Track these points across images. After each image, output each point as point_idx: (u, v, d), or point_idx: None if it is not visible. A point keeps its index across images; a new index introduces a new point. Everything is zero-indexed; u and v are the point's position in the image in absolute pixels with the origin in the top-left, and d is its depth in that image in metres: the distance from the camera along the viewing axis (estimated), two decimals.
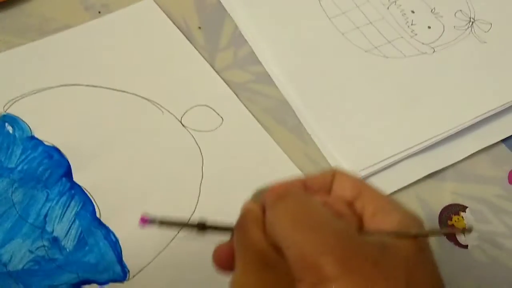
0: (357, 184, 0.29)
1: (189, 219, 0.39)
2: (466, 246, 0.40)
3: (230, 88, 0.46)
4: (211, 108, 0.45)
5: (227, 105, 0.45)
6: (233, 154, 0.43)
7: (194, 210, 0.40)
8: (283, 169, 0.43)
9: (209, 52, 0.49)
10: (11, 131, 0.42)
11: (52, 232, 0.39)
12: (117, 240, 0.38)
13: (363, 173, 0.42)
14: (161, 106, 0.45)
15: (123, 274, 0.37)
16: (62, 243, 0.38)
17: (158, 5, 0.51)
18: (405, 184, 0.42)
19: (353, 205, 0.29)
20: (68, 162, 0.41)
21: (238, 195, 0.40)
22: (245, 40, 0.50)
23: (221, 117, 0.45)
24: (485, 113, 0.45)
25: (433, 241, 0.40)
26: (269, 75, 0.48)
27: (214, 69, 0.47)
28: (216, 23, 0.51)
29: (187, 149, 0.43)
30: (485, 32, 0.51)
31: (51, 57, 0.47)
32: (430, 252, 0.27)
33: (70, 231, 0.39)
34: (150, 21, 0.50)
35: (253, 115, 0.45)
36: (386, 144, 0.43)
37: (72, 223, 0.39)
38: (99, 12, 0.50)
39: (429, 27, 0.51)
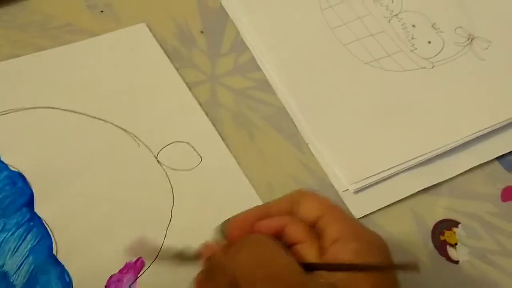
0: (322, 205, 0.31)
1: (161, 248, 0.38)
2: (457, 262, 0.41)
3: (231, 94, 0.47)
4: (190, 145, 0.43)
5: (208, 143, 0.43)
6: (207, 198, 0.41)
7: (158, 254, 0.37)
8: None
9: (210, 57, 0.49)
10: None
11: (3, 266, 0.36)
12: (70, 281, 0.36)
13: (358, 185, 0.42)
14: (138, 138, 0.43)
15: None
16: (11, 280, 0.36)
17: (159, 9, 0.51)
18: (400, 198, 0.43)
19: (317, 227, 0.30)
20: (32, 191, 0.39)
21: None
22: (247, 46, 0.50)
23: (200, 156, 0.42)
24: (481, 130, 0.46)
25: (424, 255, 0.41)
26: (269, 83, 0.48)
27: (214, 75, 0.48)
28: (218, 28, 0.51)
29: (158, 188, 0.41)
30: (484, 49, 0.51)
31: (30, 75, 0.45)
32: (387, 285, 0.28)
33: (22, 267, 0.36)
34: (140, 47, 0.48)
35: (253, 122, 0.45)
36: (383, 157, 0.44)
37: (25, 258, 0.36)
38: (102, 12, 0.50)
39: (429, 42, 0.51)
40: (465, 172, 0.45)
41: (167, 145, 0.43)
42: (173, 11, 0.51)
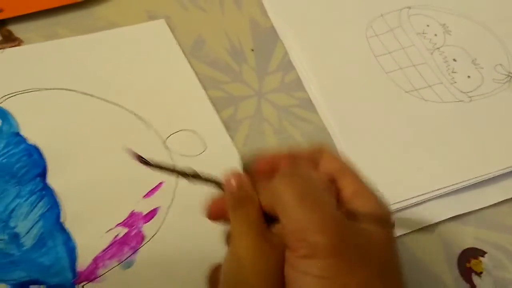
0: (342, 166, 0.33)
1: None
2: None
3: (275, 110, 0.49)
4: (197, 134, 0.46)
5: (213, 133, 0.46)
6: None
7: (157, 232, 0.41)
8: None
9: (259, 74, 0.52)
10: None
11: (14, 227, 0.39)
12: (74, 247, 0.39)
13: (391, 208, 0.44)
14: (148, 124, 0.46)
15: (73, 282, 0.38)
16: (21, 240, 0.39)
17: (215, 26, 0.54)
18: (430, 223, 0.45)
19: (335, 182, 0.32)
20: (45, 164, 0.42)
21: (204, 226, 0.38)
22: (293, 66, 0.53)
23: (206, 145, 0.46)
24: (511, 166, 0.47)
25: (449, 281, 0.42)
26: (311, 102, 0.50)
27: (261, 91, 0.50)
28: (267, 47, 0.54)
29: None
30: None
31: (55, 59, 0.48)
32: (395, 243, 0.31)
33: (32, 230, 0.39)
34: (158, 40, 0.51)
35: (294, 138, 0.48)
36: (416, 183, 0.45)
37: (35, 223, 0.40)
38: None
39: (468, 77, 0.53)
40: (494, 204, 0.46)
41: (175, 132, 0.46)
42: (227, 29, 0.54)
